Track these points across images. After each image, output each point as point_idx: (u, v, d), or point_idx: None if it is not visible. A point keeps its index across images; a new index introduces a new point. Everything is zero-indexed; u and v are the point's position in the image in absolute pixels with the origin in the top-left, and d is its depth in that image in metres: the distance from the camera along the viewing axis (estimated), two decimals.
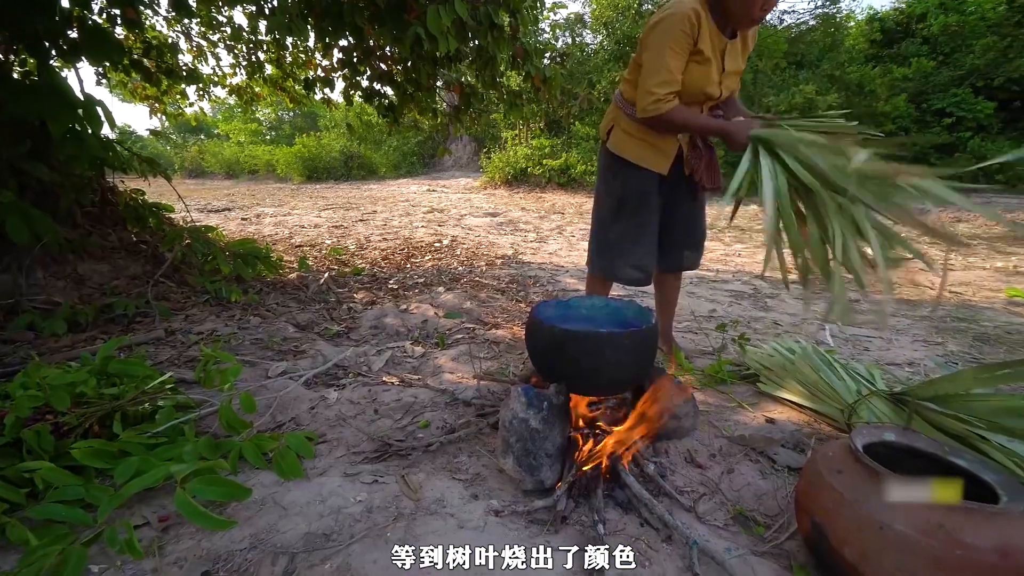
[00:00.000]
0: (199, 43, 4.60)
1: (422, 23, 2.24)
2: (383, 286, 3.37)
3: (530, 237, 5.92)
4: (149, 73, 3.60)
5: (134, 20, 2.68)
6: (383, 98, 3.61)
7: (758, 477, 1.31)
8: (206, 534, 1.07)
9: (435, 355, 2.18)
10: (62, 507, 1.06)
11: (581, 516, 1.14)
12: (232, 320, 2.51)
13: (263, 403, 1.63)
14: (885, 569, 0.82)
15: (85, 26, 2.14)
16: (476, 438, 1.49)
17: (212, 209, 8.64)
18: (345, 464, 1.35)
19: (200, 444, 1.29)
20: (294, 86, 4.65)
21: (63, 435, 1.30)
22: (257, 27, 4.14)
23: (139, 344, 2.13)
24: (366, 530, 1.09)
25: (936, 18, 12.08)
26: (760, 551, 1.06)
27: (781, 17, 12.97)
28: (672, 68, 1.48)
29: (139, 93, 4.54)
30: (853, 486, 0.90)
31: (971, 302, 3.21)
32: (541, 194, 11.33)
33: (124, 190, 3.08)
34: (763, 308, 3.03)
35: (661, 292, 2.10)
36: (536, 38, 3.32)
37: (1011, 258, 4.64)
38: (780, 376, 1.80)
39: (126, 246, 2.87)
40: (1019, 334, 2.54)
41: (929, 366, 2.10)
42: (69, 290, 2.45)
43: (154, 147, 24.50)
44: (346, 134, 17.47)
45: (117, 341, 1.70)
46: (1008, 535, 0.77)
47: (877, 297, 1.05)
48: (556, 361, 1.30)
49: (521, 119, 12.35)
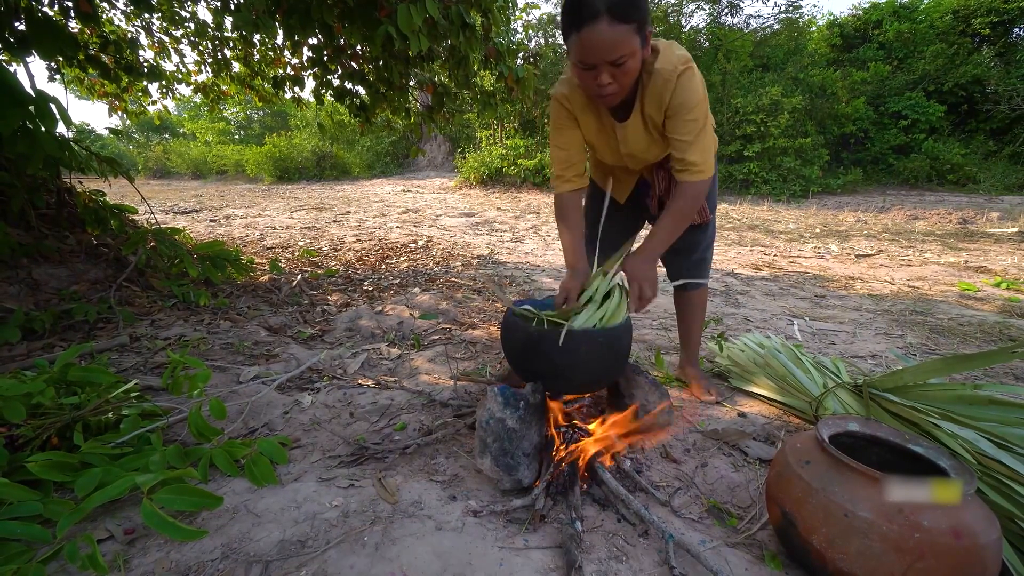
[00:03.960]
0: (161, 39, 4.44)
1: (393, 22, 2.21)
2: (357, 288, 3.33)
3: (506, 237, 5.92)
4: (107, 69, 3.45)
5: (89, 14, 2.56)
6: (355, 97, 3.55)
7: (731, 470, 1.34)
8: (175, 545, 1.04)
9: (411, 356, 2.16)
10: (17, 524, 1.01)
11: (559, 514, 1.15)
12: (201, 324, 2.44)
13: (234, 409, 1.59)
14: (850, 554, 0.85)
15: (34, 18, 2.04)
16: (453, 439, 1.48)
17: (179, 211, 8.35)
18: (320, 469, 1.33)
19: (168, 453, 1.25)
20: (263, 84, 4.53)
21: (18, 448, 1.24)
22: (223, 23, 4.02)
23: (102, 351, 2.05)
24: (343, 535, 1.07)
25: (890, 25, 12.63)
26: (733, 542, 1.09)
27: (747, 21, 13.34)
28: (560, 144, 1.45)
29: (97, 90, 4.35)
30: (820, 476, 0.94)
31: (927, 296, 3.36)
32: (516, 194, 11.36)
33: (83, 191, 2.95)
34: (734, 305, 3.11)
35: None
36: (509, 38, 3.31)
37: (962, 254, 4.88)
38: (751, 371, 1.85)
39: (86, 249, 2.75)
40: (970, 325, 2.68)
41: (890, 358, 2.20)
42: (23, 296, 2.33)
43: (115, 146, 23.57)
44: (318, 134, 17.16)
45: (77, 348, 1.62)
46: (960, 517, 0.82)
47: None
48: (532, 360, 1.31)
49: (495, 119, 12.36)
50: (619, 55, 1.10)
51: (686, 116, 1.22)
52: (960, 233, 6.28)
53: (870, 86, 11.87)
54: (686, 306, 1.82)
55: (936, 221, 7.33)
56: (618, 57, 1.11)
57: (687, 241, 1.66)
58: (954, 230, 6.55)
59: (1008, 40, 11.78)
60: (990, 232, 6.26)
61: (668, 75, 1.21)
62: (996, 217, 7.18)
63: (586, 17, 1.07)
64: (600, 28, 1.07)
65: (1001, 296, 3.34)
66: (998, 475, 1.06)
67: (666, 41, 1.26)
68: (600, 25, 1.06)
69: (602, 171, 1.68)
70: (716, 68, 11.97)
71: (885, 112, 11.81)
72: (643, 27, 1.13)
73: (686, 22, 13.37)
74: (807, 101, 10.85)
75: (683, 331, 1.86)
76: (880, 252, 5.03)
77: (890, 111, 11.74)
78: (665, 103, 1.24)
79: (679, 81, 1.20)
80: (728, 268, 4.24)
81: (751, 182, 10.56)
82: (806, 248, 5.30)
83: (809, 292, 3.46)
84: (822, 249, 5.21)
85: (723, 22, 13.25)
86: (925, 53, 11.91)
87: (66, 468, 1.16)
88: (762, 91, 10.63)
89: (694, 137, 1.23)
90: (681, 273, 1.74)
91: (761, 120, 10.41)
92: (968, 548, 0.79)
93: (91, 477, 1.10)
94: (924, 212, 7.96)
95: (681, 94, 1.21)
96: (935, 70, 11.67)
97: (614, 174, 1.61)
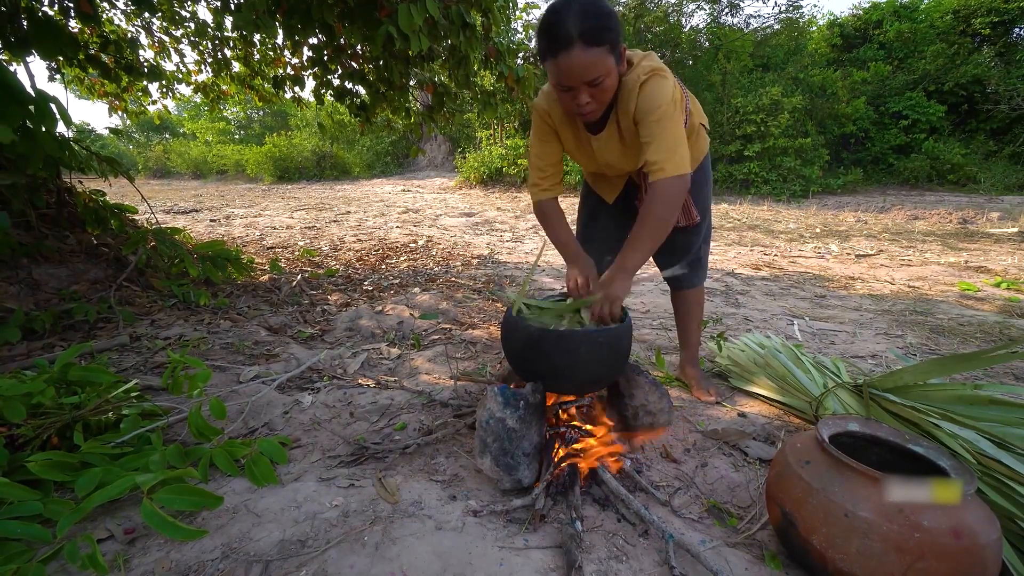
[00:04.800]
0: (161, 39, 4.44)
1: (393, 21, 2.21)
2: (358, 288, 3.33)
3: (506, 237, 5.92)
4: (107, 69, 3.45)
5: (89, 14, 2.56)
6: (355, 97, 3.55)
7: (731, 470, 1.34)
8: (175, 545, 1.04)
9: (411, 356, 2.16)
10: (17, 523, 1.01)
11: (559, 514, 1.15)
12: (201, 324, 2.44)
13: (235, 409, 1.59)
14: (850, 554, 0.85)
15: (34, 17, 2.04)
16: (453, 439, 1.48)
17: (179, 210, 8.36)
18: (320, 468, 1.33)
19: (168, 452, 1.25)
20: (263, 84, 4.53)
21: (18, 448, 1.24)
22: (223, 23, 4.02)
23: (102, 351, 2.05)
24: (343, 535, 1.07)
25: (891, 25, 12.62)
26: (733, 542, 1.09)
27: (748, 21, 13.34)
28: (539, 155, 1.49)
29: (97, 90, 4.34)
30: (820, 476, 0.94)
31: (927, 296, 3.36)
32: (516, 194, 11.35)
33: (83, 191, 2.95)
34: (734, 304, 3.11)
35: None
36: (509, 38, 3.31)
37: (963, 254, 4.88)
38: (751, 371, 1.85)
39: (86, 249, 2.75)
40: (970, 325, 2.68)
41: (890, 358, 2.20)
42: (23, 296, 2.33)
43: (115, 146, 23.57)
44: (318, 133, 17.17)
45: (77, 348, 1.62)
46: (960, 517, 0.82)
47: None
48: (532, 360, 1.31)
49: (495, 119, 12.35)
50: (595, 76, 1.15)
51: (649, 118, 1.24)
52: (960, 233, 6.28)
53: (870, 86, 11.87)
54: (683, 305, 1.82)
55: (936, 221, 7.33)
56: (594, 78, 1.15)
57: (679, 243, 1.67)
58: (954, 230, 6.55)
59: (1008, 40, 11.77)
60: (990, 232, 6.25)
61: (632, 85, 1.25)
62: (996, 217, 7.18)
63: (561, 44, 1.12)
64: (574, 54, 1.11)
65: (1001, 296, 3.34)
66: (998, 475, 1.06)
67: (642, 53, 1.30)
68: (574, 51, 1.11)
69: (591, 176, 1.70)
70: (716, 68, 11.97)
71: (885, 112, 11.81)
72: (616, 46, 1.17)
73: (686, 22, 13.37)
74: (807, 101, 10.85)
75: (681, 331, 1.87)
76: (880, 252, 5.03)
77: (890, 111, 11.74)
78: (631, 111, 1.27)
79: (642, 89, 1.24)
80: (728, 268, 4.24)
81: (751, 182, 10.56)
82: (806, 248, 5.29)
83: (809, 292, 3.46)
84: (822, 249, 5.21)
85: (723, 22, 13.25)
86: (925, 53, 11.91)
87: (66, 468, 1.16)
88: (762, 91, 10.62)
89: (656, 137, 1.23)
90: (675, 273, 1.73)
91: (761, 120, 10.40)
92: (968, 548, 0.79)
93: (91, 477, 1.10)
94: (924, 212, 7.96)
95: (645, 100, 1.24)
96: (935, 70, 11.66)
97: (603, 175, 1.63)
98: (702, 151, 1.57)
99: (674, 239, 1.61)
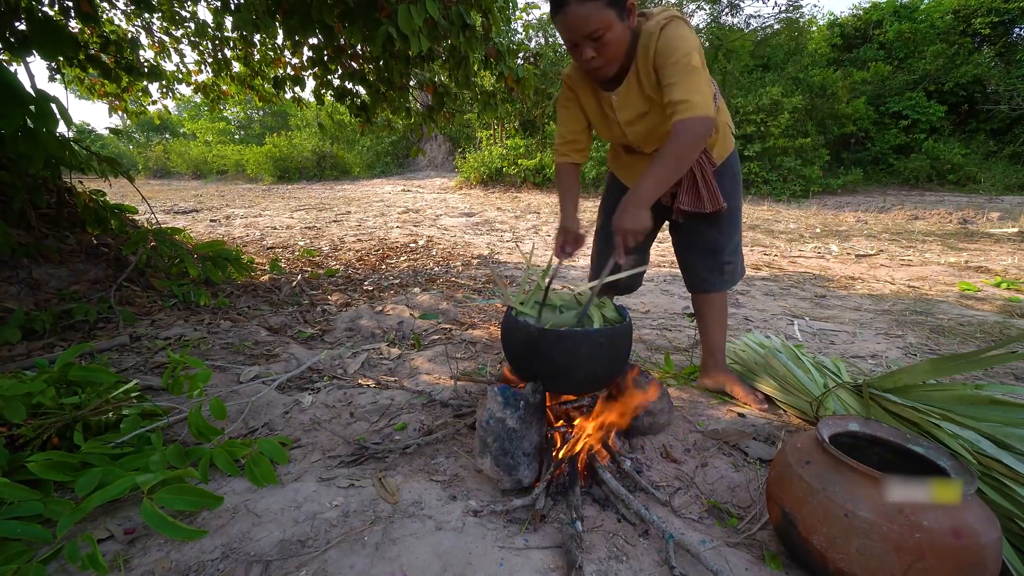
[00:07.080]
0: (161, 39, 4.44)
1: (393, 22, 2.21)
2: (358, 288, 3.33)
3: (506, 237, 5.92)
4: (107, 69, 3.45)
5: (89, 14, 2.56)
6: (355, 97, 3.55)
7: (731, 470, 1.34)
8: (175, 545, 1.04)
9: (411, 356, 2.16)
10: (18, 523, 1.01)
11: (559, 514, 1.15)
12: (201, 324, 2.44)
13: (235, 409, 1.59)
14: (851, 554, 0.85)
15: (34, 17, 2.04)
16: (454, 439, 1.48)
17: (179, 210, 8.36)
18: (320, 468, 1.33)
19: (168, 452, 1.25)
20: (263, 84, 4.53)
21: (19, 448, 1.24)
22: (223, 23, 4.02)
23: (102, 351, 2.05)
24: (343, 535, 1.07)
25: (891, 25, 12.61)
26: (734, 542, 1.09)
27: (748, 21, 13.33)
28: (562, 120, 1.57)
29: (97, 90, 4.35)
30: (820, 476, 0.93)
31: (927, 296, 3.36)
32: (516, 194, 11.35)
33: (83, 191, 2.95)
34: (735, 305, 3.10)
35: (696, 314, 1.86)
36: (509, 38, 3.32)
37: (963, 254, 4.88)
38: (751, 371, 1.85)
39: (86, 249, 2.75)
40: (971, 325, 2.68)
41: (890, 358, 2.19)
42: (23, 296, 2.33)
43: (115, 146, 23.56)
44: (318, 134, 17.16)
45: (78, 348, 1.62)
46: (960, 517, 0.82)
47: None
48: (532, 360, 1.31)
49: (495, 119, 12.35)
50: (592, 30, 1.19)
51: (670, 59, 1.24)
52: (960, 233, 6.28)
53: (870, 86, 11.86)
54: (704, 308, 1.76)
55: (936, 221, 7.33)
56: (592, 32, 1.20)
57: (703, 238, 1.64)
58: (954, 230, 6.54)
59: (1008, 40, 11.77)
60: (990, 232, 6.25)
61: (652, 29, 1.27)
62: (996, 217, 7.17)
63: (559, 2, 1.19)
64: (570, 10, 1.18)
65: (1001, 296, 3.34)
66: (998, 475, 1.06)
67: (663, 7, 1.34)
68: (570, 7, 1.18)
69: (618, 162, 1.71)
70: (716, 68, 11.96)
71: (885, 112, 11.80)
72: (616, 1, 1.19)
73: None
74: (807, 101, 10.83)
75: (704, 335, 1.79)
76: (880, 252, 5.02)
77: (890, 111, 11.73)
78: (651, 57, 1.28)
79: (661, 32, 1.26)
80: None
81: (751, 182, 10.55)
82: (806, 248, 5.29)
83: (809, 292, 3.45)
84: (822, 249, 5.21)
85: (723, 22, 13.25)
86: (925, 53, 11.90)
87: (66, 468, 1.16)
88: (762, 91, 10.61)
89: (679, 78, 1.23)
90: (698, 275, 1.69)
91: (761, 120, 10.39)
92: (968, 548, 0.79)
93: (91, 477, 1.10)
94: (924, 212, 7.95)
95: (664, 42, 1.25)
96: (935, 70, 11.66)
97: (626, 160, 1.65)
98: (727, 148, 1.58)
99: (699, 229, 1.62)
